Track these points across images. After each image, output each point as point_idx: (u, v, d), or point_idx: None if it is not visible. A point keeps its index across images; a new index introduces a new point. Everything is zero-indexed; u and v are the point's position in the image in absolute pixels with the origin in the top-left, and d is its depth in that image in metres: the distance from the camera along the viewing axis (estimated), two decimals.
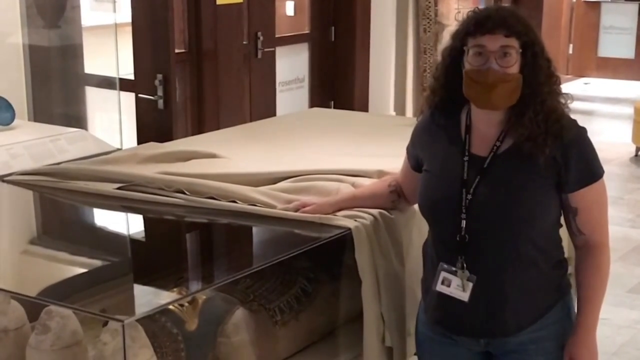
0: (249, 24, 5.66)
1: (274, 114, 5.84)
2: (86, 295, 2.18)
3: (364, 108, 6.48)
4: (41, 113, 4.88)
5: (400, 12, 6.97)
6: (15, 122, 4.63)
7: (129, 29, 4.57)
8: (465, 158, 2.30)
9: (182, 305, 2.35)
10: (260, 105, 5.78)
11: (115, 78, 4.70)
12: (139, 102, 4.60)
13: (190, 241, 2.73)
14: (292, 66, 6.36)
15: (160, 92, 4.45)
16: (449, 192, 2.30)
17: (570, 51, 12.38)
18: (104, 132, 4.83)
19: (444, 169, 2.35)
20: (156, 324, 2.25)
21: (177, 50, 4.78)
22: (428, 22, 7.03)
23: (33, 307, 2.24)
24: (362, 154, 3.22)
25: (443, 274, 2.31)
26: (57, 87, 5.07)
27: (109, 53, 4.64)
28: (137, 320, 1.98)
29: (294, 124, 4.00)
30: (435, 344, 2.42)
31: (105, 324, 2.02)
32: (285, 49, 6.17)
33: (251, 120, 5.29)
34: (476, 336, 2.34)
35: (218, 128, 4.79)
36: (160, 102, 4.46)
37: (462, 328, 2.34)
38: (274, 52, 5.91)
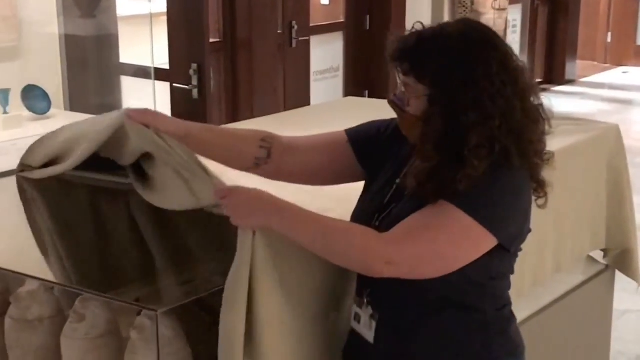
0: (284, 13, 5.65)
1: (308, 103, 5.83)
2: (120, 285, 2.18)
3: None
4: (77, 102, 4.92)
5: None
6: (51, 111, 4.68)
7: (164, 18, 4.58)
8: (397, 181, 1.97)
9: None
10: (295, 94, 5.77)
11: (150, 67, 4.72)
12: (173, 91, 4.61)
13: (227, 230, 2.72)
14: (326, 55, 6.34)
15: (195, 82, 4.45)
16: (366, 216, 1.99)
17: (609, 40, 12.21)
18: None
19: (376, 190, 2.03)
20: (190, 314, 2.25)
21: (211, 40, 4.79)
22: (464, 10, 6.98)
23: (68, 296, 2.25)
24: None
25: (355, 309, 2.00)
26: (92, 76, 5.09)
27: (144, 42, 4.66)
28: (171, 310, 1.98)
29: (329, 113, 3.99)
30: None
31: (139, 313, 2.02)
32: (319, 38, 6.16)
33: (285, 110, 5.28)
34: None
35: (252, 117, 4.79)
36: (195, 92, 4.46)
37: None
38: (308, 41, 5.90)
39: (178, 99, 4.61)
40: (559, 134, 3.26)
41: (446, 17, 6.94)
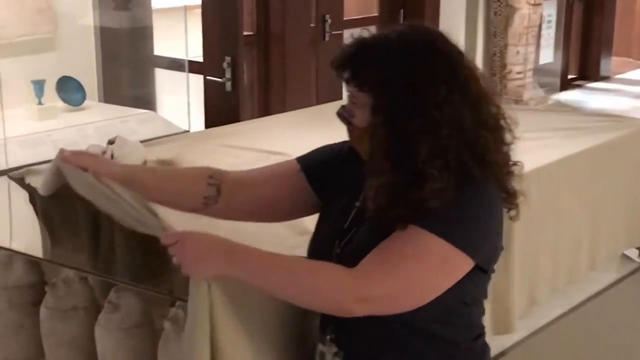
0: (317, 7, 5.63)
1: (340, 97, 5.80)
2: (155, 276, 2.19)
3: None
4: (111, 94, 4.94)
5: None
6: (86, 102, 4.71)
7: (199, 11, 4.59)
8: (357, 204, 1.83)
9: None
10: (327, 88, 5.76)
11: (184, 60, 4.73)
12: (207, 84, 4.62)
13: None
14: None
15: (228, 75, 4.45)
16: (325, 243, 1.85)
17: None
18: (172, 114, 4.87)
19: (334, 215, 1.88)
20: None
21: (245, 33, 4.78)
22: (499, 5, 6.92)
23: (102, 286, 2.27)
24: None
25: (319, 347, 1.87)
26: (126, 68, 5.12)
27: (179, 35, 4.67)
28: None
29: None
30: None
31: (173, 304, 2.03)
32: (353, 31, 6.13)
33: (317, 103, 5.27)
34: None
35: (284, 111, 4.79)
36: (228, 85, 4.46)
37: None
38: (341, 35, 5.88)
39: (211, 92, 4.62)
40: (594, 131, 3.26)
41: (481, 12, 6.90)
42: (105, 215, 1.95)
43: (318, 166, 1.96)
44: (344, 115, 1.78)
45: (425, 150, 1.67)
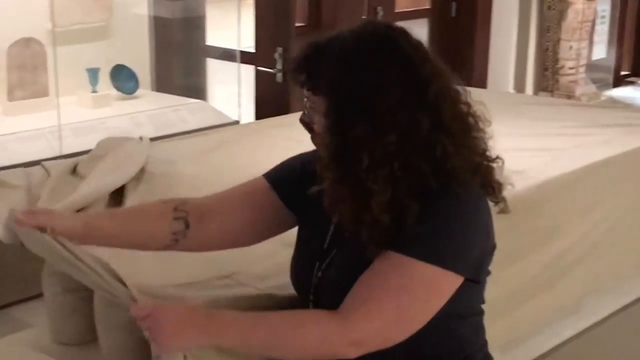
0: None
1: None
2: None
3: (482, 86, 6.37)
4: (163, 83, 4.99)
5: None
6: (139, 91, 4.76)
7: (251, 1, 4.61)
8: (334, 221, 1.70)
9: None
10: None
11: (236, 50, 4.76)
12: (258, 74, 4.64)
13: None
14: None
15: (279, 65, 4.47)
16: (306, 266, 1.75)
17: None
18: (223, 104, 4.90)
19: (311, 234, 1.77)
20: None
21: (297, 24, 4.79)
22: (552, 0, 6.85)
23: None
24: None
25: None
26: (179, 58, 5.16)
27: (231, 25, 4.70)
28: None
29: None
30: None
31: None
32: (404, 24, 6.03)
33: None
34: None
35: None
36: (279, 75, 4.48)
37: None
38: None
39: (262, 82, 4.64)
40: None
41: (534, 6, 6.82)
42: None
43: (287, 181, 1.82)
44: (305, 120, 1.67)
45: (367, 159, 1.54)
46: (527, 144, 3.01)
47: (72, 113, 4.27)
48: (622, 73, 8.82)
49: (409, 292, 1.56)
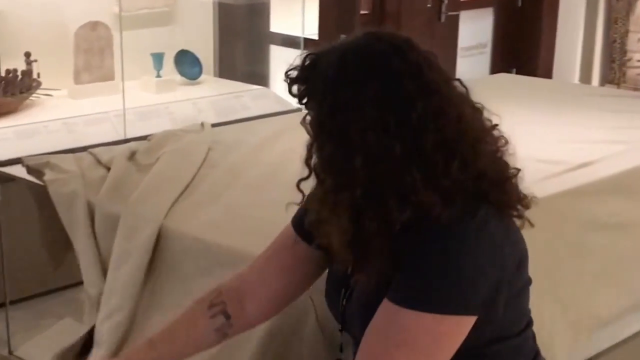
0: None
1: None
2: None
3: (547, 76, 6.29)
4: (226, 69, 5.01)
5: None
6: (202, 77, 4.78)
7: None
8: None
9: None
10: None
11: (299, 37, 4.75)
12: None
13: None
14: (475, 31, 6.22)
15: None
16: (334, 294, 1.67)
17: None
18: (285, 91, 4.89)
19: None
20: None
21: (361, 12, 4.77)
22: None
23: None
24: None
25: None
26: (242, 44, 5.18)
27: (295, 12, 4.69)
28: None
29: (484, 89, 3.92)
30: None
31: None
32: (469, 13, 6.05)
33: None
34: None
35: None
36: None
37: None
38: (457, 17, 5.81)
39: None
40: None
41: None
42: None
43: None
44: (305, 126, 1.57)
45: (331, 180, 1.45)
46: (598, 135, 2.97)
47: (136, 97, 4.31)
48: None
49: (411, 349, 1.43)
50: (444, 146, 1.44)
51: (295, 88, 1.54)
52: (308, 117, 1.52)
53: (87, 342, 2.42)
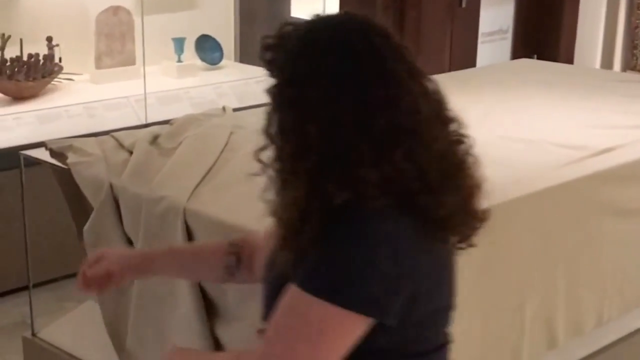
0: None
1: (474, 65, 5.73)
2: None
3: (569, 61, 6.26)
4: (247, 55, 5.01)
5: None
6: (223, 62, 4.79)
7: None
8: None
9: None
10: (460, 55, 5.68)
11: None
12: None
13: None
14: (496, 17, 6.20)
15: None
16: (266, 261, 1.69)
17: None
18: None
19: None
20: None
21: None
22: None
23: None
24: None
25: None
26: (263, 29, 5.17)
27: None
28: None
29: (503, 74, 3.91)
30: None
31: None
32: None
33: (450, 70, 5.22)
34: None
35: None
36: None
37: None
38: (479, 2, 5.78)
39: None
40: None
41: None
42: None
43: None
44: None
45: (289, 147, 1.46)
46: (620, 121, 2.95)
47: (157, 82, 4.33)
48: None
49: (300, 332, 1.41)
50: (393, 132, 1.42)
51: (267, 55, 1.51)
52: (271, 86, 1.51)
53: None
